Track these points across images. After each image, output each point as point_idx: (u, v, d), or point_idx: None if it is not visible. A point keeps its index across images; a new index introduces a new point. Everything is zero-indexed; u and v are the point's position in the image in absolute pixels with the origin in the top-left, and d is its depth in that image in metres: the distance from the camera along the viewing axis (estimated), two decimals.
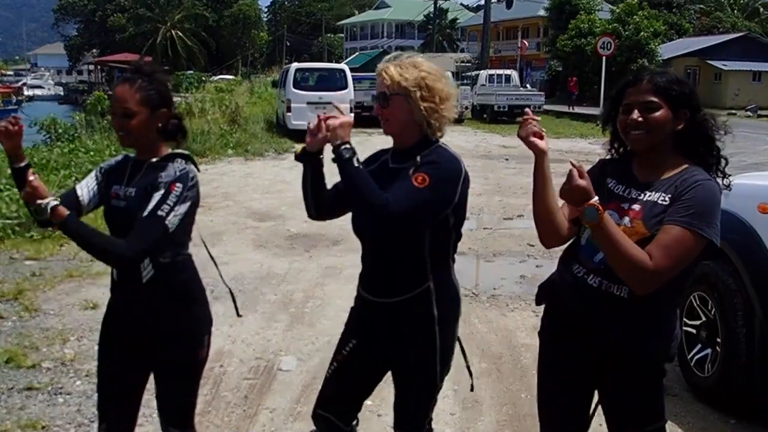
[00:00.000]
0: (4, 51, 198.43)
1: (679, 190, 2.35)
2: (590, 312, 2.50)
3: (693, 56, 43.51)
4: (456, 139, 22.92)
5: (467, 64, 46.18)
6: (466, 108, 31.32)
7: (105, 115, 19.66)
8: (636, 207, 2.41)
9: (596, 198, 2.23)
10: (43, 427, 4.11)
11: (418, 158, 2.59)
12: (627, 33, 40.14)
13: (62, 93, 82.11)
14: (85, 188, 2.75)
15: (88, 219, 2.85)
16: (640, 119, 2.39)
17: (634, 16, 41.15)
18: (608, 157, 2.68)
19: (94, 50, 77.41)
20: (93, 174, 2.82)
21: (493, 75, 35.29)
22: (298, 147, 2.78)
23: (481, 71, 36.20)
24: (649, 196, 2.40)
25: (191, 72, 47.47)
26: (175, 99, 2.94)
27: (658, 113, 2.37)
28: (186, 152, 2.84)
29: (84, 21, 77.44)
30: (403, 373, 2.79)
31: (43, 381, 4.67)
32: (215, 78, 46.23)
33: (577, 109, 34.37)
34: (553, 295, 2.70)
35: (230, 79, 42.69)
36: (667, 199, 2.36)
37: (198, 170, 2.82)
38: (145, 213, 2.56)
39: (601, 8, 47.54)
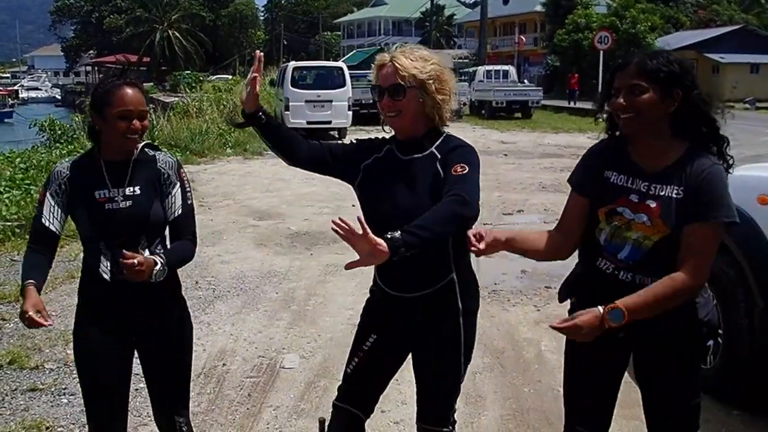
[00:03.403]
0: (0, 54, 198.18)
1: (689, 181, 2.36)
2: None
3: (690, 49, 43.43)
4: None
5: (465, 61, 46.07)
6: (465, 104, 31.29)
7: None
8: (651, 204, 2.40)
9: (602, 311, 2.30)
10: (47, 428, 4.12)
11: (434, 150, 2.65)
12: (624, 27, 40.13)
13: (59, 95, 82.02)
14: (52, 219, 2.72)
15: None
16: (626, 103, 2.40)
17: (631, 10, 41.13)
18: (599, 141, 2.67)
19: (91, 51, 77.27)
20: (48, 201, 2.73)
21: (491, 71, 35.24)
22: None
23: (479, 67, 36.16)
24: (663, 190, 2.40)
25: (189, 72, 47.29)
26: (173, 99, 3.01)
27: (644, 96, 2.38)
28: (149, 141, 2.93)
29: (81, 22, 77.27)
30: (428, 366, 2.79)
31: (46, 382, 4.68)
32: (213, 77, 46.12)
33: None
34: (581, 290, 2.67)
35: (228, 78, 42.57)
36: (680, 191, 2.37)
37: None
38: (180, 209, 2.77)
39: (597, 3, 47.52)
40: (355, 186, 2.79)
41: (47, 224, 2.72)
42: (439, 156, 2.62)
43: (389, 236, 2.24)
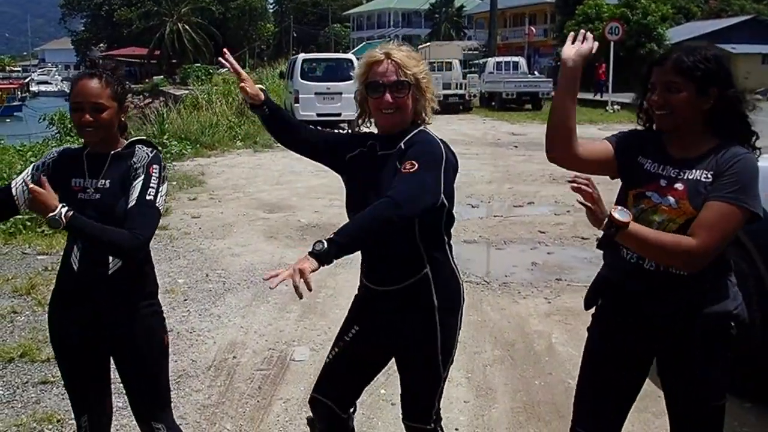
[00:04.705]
0: (11, 47, 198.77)
1: (720, 166, 2.34)
2: (653, 295, 2.46)
3: (701, 40, 43.14)
4: (464, 128, 22.90)
5: (475, 52, 45.97)
6: (474, 96, 31.22)
7: None
8: (679, 186, 2.39)
9: (607, 214, 2.26)
10: (58, 420, 4.14)
11: (402, 144, 2.63)
12: (635, 18, 39.83)
13: (69, 88, 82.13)
14: (20, 186, 2.72)
15: None
16: (661, 100, 2.40)
17: (642, 1, 40.83)
18: (640, 128, 2.65)
19: (102, 45, 77.42)
20: (27, 171, 2.79)
21: (501, 62, 35.13)
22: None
23: (489, 59, 36.07)
24: (690, 174, 2.39)
25: (198, 65, 47.35)
26: (182, 92, 2.96)
27: (679, 94, 2.37)
28: (144, 137, 2.87)
29: (91, 16, 77.37)
30: (406, 363, 2.79)
31: (57, 374, 4.66)
32: (223, 70, 46.09)
33: (584, 95, 33.91)
34: (607, 291, 2.64)
35: None
36: (709, 176, 2.35)
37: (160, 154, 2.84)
38: (134, 201, 2.59)
39: None
40: (343, 178, 2.84)
41: (12, 186, 2.74)
42: (403, 150, 2.61)
43: (312, 248, 2.25)
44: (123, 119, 2.77)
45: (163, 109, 19.84)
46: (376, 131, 2.81)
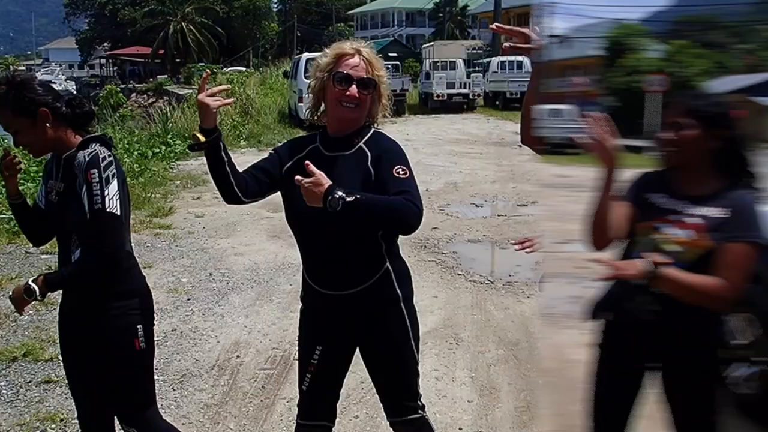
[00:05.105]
0: (15, 47, 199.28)
1: (733, 206, 2.45)
2: (665, 311, 2.50)
3: (737, 93, 43.09)
4: (468, 127, 22.88)
5: (479, 52, 45.81)
6: (479, 95, 31.20)
7: (117, 108, 19.66)
8: (697, 221, 2.48)
9: (647, 263, 2.33)
10: (61, 420, 4.14)
11: (362, 145, 2.62)
12: (674, 71, 39.72)
13: (74, 87, 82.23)
14: (42, 198, 2.77)
15: None
16: (669, 137, 2.52)
17: (683, 54, 40.73)
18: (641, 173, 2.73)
19: (106, 44, 77.47)
20: (41, 182, 2.85)
21: (505, 62, 34.95)
22: (193, 137, 2.61)
23: (493, 58, 35.93)
24: (707, 210, 2.48)
25: (202, 64, 47.40)
26: (186, 91, 2.92)
27: (686, 132, 2.48)
28: (96, 134, 2.77)
29: (95, 15, 77.37)
30: (381, 360, 2.78)
31: (60, 374, 4.68)
32: (227, 70, 46.17)
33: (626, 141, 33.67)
34: (619, 307, 2.67)
35: (242, 70, 42.61)
36: (719, 213, 2.46)
37: (114, 147, 2.76)
38: (88, 215, 2.54)
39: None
40: (282, 192, 2.75)
41: (38, 201, 2.80)
42: (369, 154, 2.60)
43: (335, 191, 2.28)
44: (49, 124, 2.61)
45: (166, 108, 19.78)
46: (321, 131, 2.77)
